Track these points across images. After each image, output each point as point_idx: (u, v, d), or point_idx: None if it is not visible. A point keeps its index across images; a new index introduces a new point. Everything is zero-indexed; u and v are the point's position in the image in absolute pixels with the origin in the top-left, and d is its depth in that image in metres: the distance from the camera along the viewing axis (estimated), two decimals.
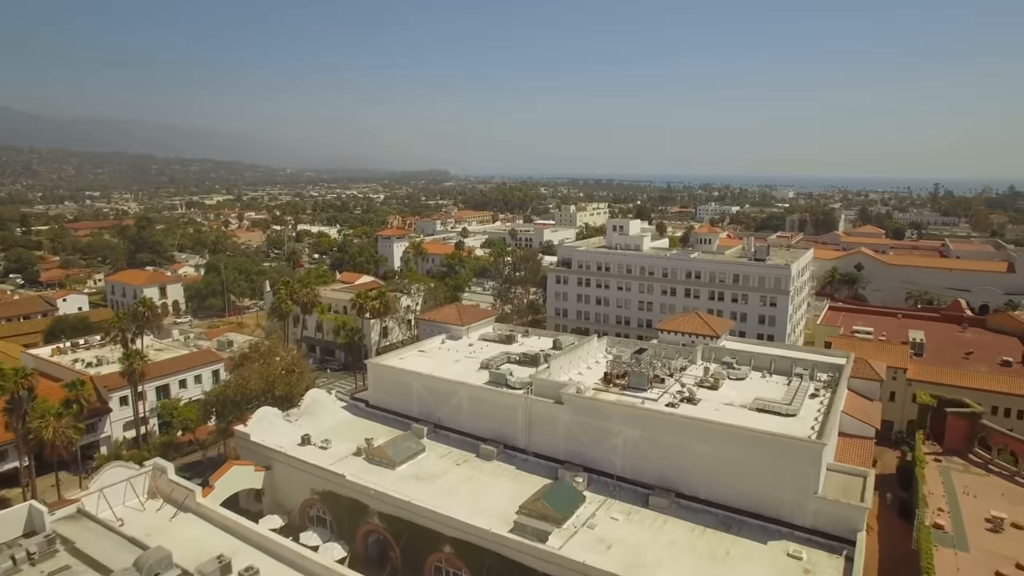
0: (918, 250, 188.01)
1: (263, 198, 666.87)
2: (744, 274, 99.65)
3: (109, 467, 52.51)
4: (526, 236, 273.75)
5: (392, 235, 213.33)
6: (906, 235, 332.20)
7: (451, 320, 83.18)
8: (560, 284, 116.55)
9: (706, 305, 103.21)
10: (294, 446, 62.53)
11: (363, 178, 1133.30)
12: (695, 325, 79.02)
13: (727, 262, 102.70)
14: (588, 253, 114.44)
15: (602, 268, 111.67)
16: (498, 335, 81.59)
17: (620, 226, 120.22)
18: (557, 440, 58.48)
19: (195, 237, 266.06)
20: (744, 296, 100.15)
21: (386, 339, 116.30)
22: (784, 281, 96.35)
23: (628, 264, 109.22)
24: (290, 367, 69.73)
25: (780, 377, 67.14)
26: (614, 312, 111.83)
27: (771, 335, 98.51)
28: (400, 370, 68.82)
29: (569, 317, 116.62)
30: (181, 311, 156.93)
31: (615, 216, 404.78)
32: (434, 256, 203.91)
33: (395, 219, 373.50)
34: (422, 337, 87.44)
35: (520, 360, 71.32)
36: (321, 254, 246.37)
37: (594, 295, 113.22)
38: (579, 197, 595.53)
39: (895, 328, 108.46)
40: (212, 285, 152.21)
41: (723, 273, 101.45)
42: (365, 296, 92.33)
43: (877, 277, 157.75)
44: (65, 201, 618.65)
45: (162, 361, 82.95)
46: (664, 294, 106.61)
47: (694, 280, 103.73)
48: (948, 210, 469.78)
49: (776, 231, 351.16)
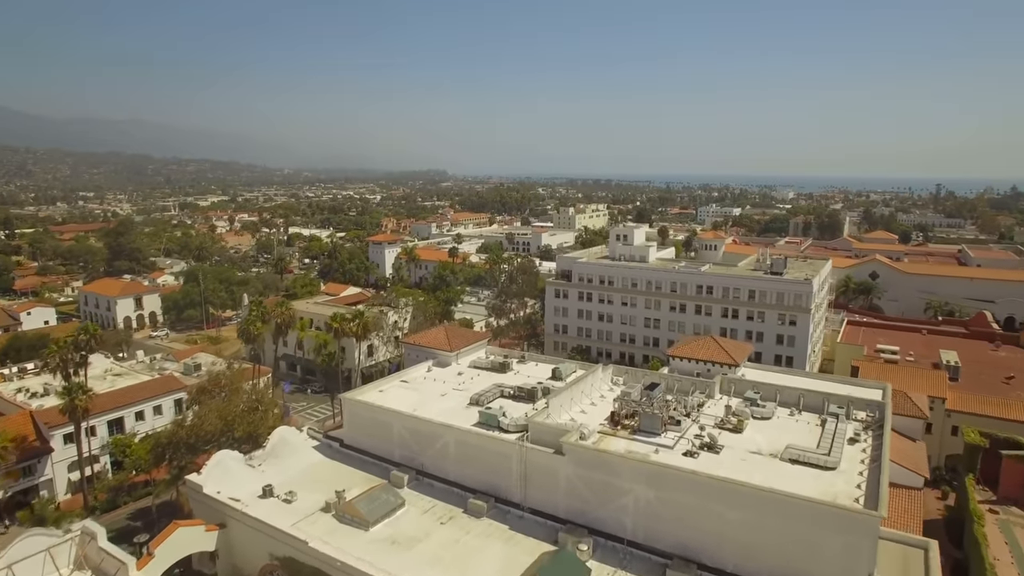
0: (933, 256, 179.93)
1: (258, 199, 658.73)
2: (761, 290, 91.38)
3: (24, 537, 44.10)
4: (523, 240, 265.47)
5: (384, 241, 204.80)
6: (912, 238, 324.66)
7: (438, 345, 74.84)
8: (559, 299, 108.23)
9: (718, 324, 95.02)
10: (254, 499, 54.13)
11: (360, 178, 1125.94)
12: (711, 351, 70.75)
13: (742, 277, 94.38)
14: (589, 265, 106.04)
15: (605, 282, 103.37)
16: (491, 362, 73.26)
17: (624, 235, 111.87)
18: (557, 496, 50.25)
19: (182, 241, 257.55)
20: (760, 314, 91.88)
21: (371, 359, 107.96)
22: (805, 298, 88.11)
23: (633, 278, 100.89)
24: (253, 404, 61.22)
25: (810, 415, 59.02)
26: (618, 329, 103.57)
27: (790, 357, 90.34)
28: (378, 408, 60.47)
29: (569, 334, 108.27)
30: (159, 323, 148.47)
31: (615, 219, 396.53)
32: (427, 263, 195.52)
33: (389, 222, 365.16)
34: (407, 362, 79.10)
35: (515, 394, 63.04)
36: (312, 259, 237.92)
37: (596, 311, 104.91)
38: (577, 198, 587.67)
39: (921, 346, 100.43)
40: (191, 295, 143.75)
41: (737, 289, 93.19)
42: (342, 317, 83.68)
43: (893, 286, 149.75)
44: (57, 202, 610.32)
45: (117, 391, 74.47)
46: (672, 310, 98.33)
47: (705, 296, 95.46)
48: (953, 212, 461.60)
49: (780, 234, 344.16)
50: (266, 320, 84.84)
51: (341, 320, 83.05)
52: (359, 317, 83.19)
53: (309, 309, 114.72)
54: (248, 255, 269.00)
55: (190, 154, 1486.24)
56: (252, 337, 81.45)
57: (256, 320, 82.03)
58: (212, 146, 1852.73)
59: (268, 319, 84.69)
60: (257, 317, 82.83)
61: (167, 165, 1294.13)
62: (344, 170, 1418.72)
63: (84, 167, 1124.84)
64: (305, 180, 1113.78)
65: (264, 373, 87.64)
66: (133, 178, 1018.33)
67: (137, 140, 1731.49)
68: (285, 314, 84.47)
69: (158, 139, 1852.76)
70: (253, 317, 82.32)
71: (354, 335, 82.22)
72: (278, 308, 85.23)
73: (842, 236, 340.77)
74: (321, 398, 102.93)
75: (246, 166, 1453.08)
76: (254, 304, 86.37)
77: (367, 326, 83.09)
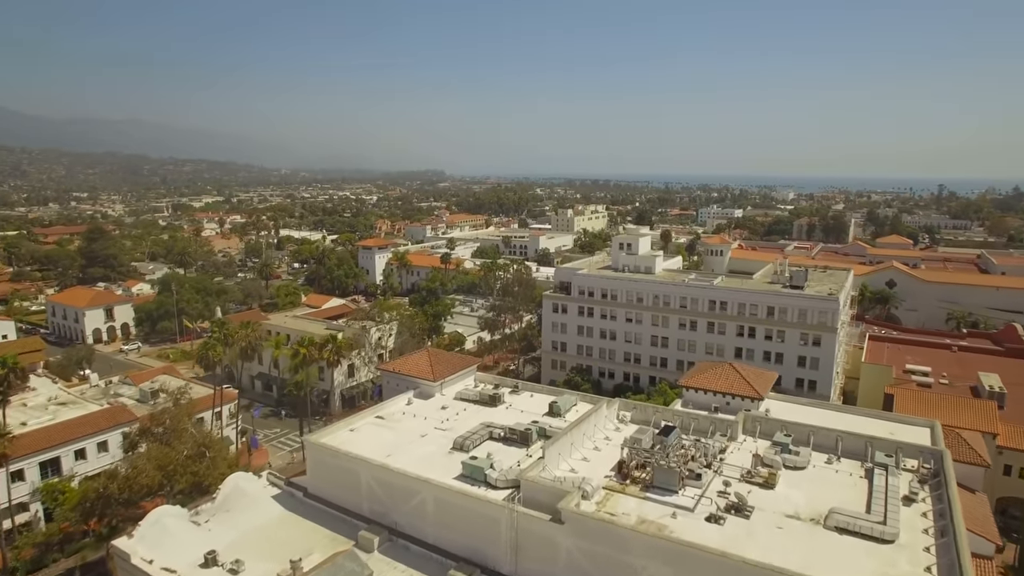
0: (951, 262, 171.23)
1: (253, 200, 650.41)
2: (781, 306, 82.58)
3: None
4: (520, 243, 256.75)
5: (374, 246, 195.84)
6: (918, 241, 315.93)
7: (420, 373, 66.07)
8: (557, 313, 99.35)
9: (733, 343, 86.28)
10: (194, 569, 45.34)
11: (358, 178, 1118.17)
12: (730, 381, 62.05)
13: (759, 291, 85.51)
14: (591, 278, 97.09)
15: (607, 296, 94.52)
16: (479, 393, 64.42)
17: (628, 243, 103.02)
18: (556, 569, 41.62)
19: (168, 244, 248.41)
20: (780, 333, 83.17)
21: (352, 379, 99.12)
22: (831, 316, 79.37)
23: (638, 292, 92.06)
24: (199, 449, 52.34)
25: (851, 463, 50.32)
26: (621, 348, 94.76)
27: (813, 381, 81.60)
28: (345, 455, 51.57)
29: (568, 352, 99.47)
30: (131, 335, 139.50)
31: (614, 221, 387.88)
32: (419, 268, 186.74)
33: (383, 224, 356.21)
34: (385, 391, 70.29)
35: (506, 437, 54.24)
36: (302, 263, 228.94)
37: (598, 327, 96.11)
38: (576, 199, 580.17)
39: (953, 365, 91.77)
40: (165, 306, 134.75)
41: (755, 305, 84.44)
42: (310, 342, 74.41)
43: (912, 295, 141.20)
44: (49, 203, 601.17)
45: (53, 426, 65.43)
46: (682, 328, 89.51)
47: (719, 312, 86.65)
48: (958, 213, 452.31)
49: (784, 236, 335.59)
50: (230, 343, 75.68)
51: (310, 345, 73.85)
52: (331, 342, 73.90)
53: (286, 324, 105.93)
54: (236, 259, 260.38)
55: (189, 154, 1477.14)
56: (211, 363, 72.44)
57: (216, 344, 72.84)
58: (211, 146, 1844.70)
59: (232, 342, 75.58)
60: (218, 340, 73.62)
61: (163, 165, 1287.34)
62: (341, 170, 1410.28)
63: (80, 167, 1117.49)
64: (302, 180, 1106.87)
65: (229, 399, 78.83)
66: (129, 178, 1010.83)
67: (136, 140, 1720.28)
68: (250, 336, 75.25)
69: (157, 139, 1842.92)
70: (213, 340, 73.08)
71: (326, 361, 73.22)
72: (243, 330, 75.91)
73: (848, 238, 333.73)
74: (297, 423, 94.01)
75: (243, 166, 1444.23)
76: (216, 325, 76.97)
77: (340, 351, 73.90)
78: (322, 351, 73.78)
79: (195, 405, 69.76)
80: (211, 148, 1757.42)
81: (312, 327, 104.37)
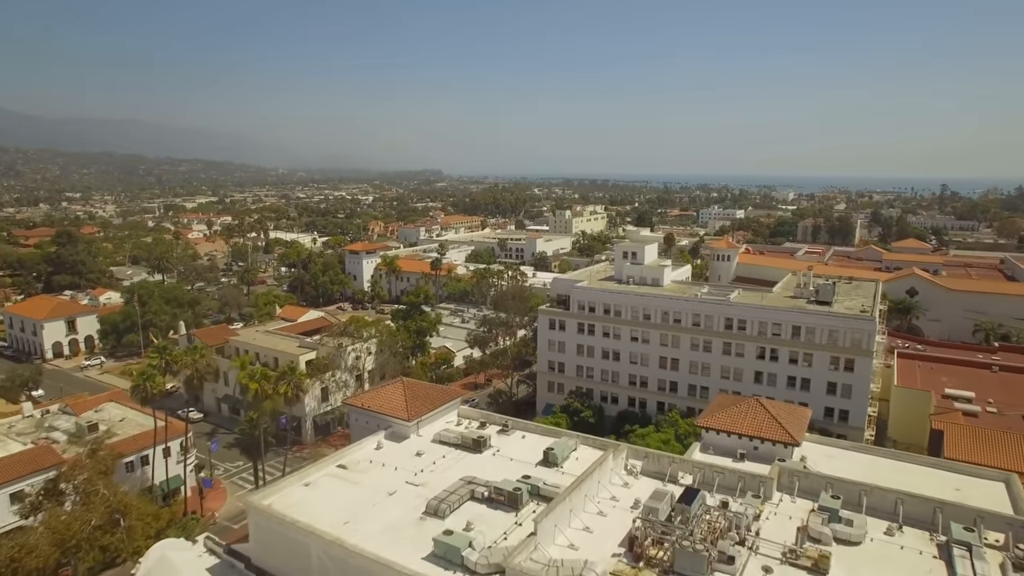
0: (973, 268, 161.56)
1: (247, 200, 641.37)
2: (808, 326, 72.71)
3: None
4: (517, 246, 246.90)
5: (361, 250, 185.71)
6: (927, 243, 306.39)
7: (393, 411, 56.31)
8: (555, 330, 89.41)
9: (752, 366, 76.47)
10: None
11: (355, 178, 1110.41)
12: (759, 422, 52.34)
13: (783, 309, 75.53)
14: (591, 291, 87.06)
15: (610, 312, 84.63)
16: (461, 435, 54.54)
17: (632, 252, 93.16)
18: None
19: (151, 248, 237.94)
20: (808, 356, 73.32)
21: (327, 404, 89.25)
22: (867, 338, 69.59)
23: (645, 307, 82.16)
24: (112, 516, 42.44)
25: (917, 534, 40.68)
26: (626, 369, 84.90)
27: (844, 411, 71.88)
28: (293, 525, 41.69)
29: (566, 373, 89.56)
30: (96, 348, 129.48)
31: (613, 222, 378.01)
32: (409, 274, 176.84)
33: (376, 225, 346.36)
34: (353, 431, 60.48)
35: (491, 498, 44.44)
36: (289, 267, 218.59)
37: (599, 346, 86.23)
38: (574, 199, 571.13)
39: (996, 387, 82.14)
40: (133, 317, 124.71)
41: (778, 324, 74.53)
42: (263, 376, 63.89)
43: (935, 305, 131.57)
44: (40, 203, 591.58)
45: None
46: (694, 349, 79.64)
47: (736, 332, 76.79)
48: (964, 214, 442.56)
49: (788, 238, 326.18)
50: (174, 371, 65.41)
51: (262, 379, 63.44)
52: (288, 375, 63.19)
53: (255, 341, 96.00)
54: (221, 263, 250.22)
55: (187, 154, 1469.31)
56: (149, 397, 62.00)
57: (154, 375, 62.15)
58: (209, 146, 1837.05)
59: (177, 370, 65.38)
60: (156, 370, 63.01)
61: (159, 165, 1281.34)
62: (339, 170, 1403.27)
63: (75, 167, 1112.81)
64: (299, 180, 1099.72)
65: (176, 432, 68.92)
66: (124, 178, 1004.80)
67: (134, 140, 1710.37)
68: (197, 364, 64.70)
69: (155, 139, 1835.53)
70: (151, 370, 62.27)
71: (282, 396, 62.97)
72: (188, 356, 65.36)
73: (854, 240, 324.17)
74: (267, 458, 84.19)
75: (239, 166, 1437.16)
76: (153, 354, 65.65)
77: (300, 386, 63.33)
78: (278, 386, 63.48)
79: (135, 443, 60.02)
80: (209, 148, 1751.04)
81: (283, 344, 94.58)
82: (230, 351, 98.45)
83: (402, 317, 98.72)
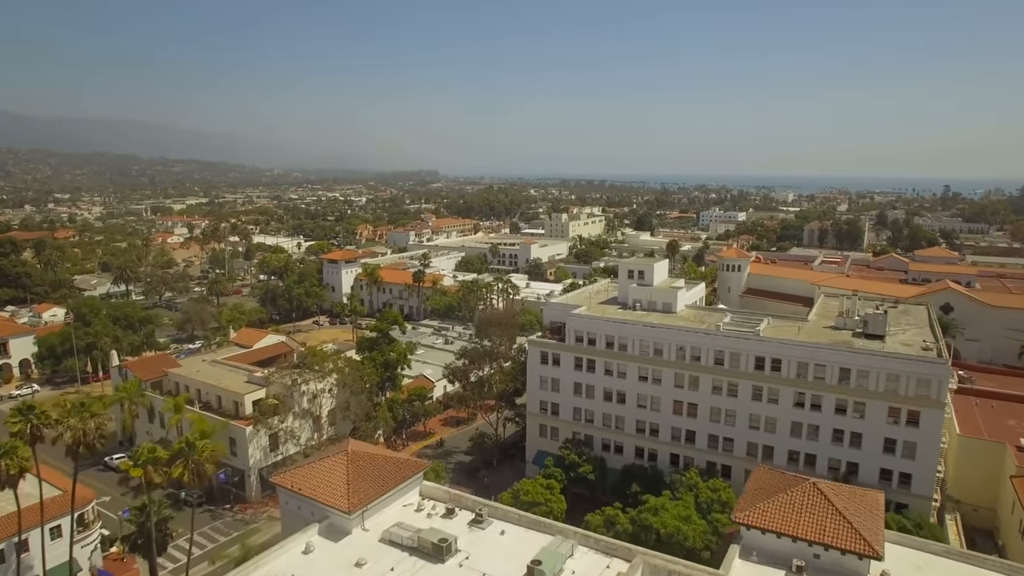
0: (1007, 279, 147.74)
1: (237, 201, 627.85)
2: (861, 368, 58.64)
3: None
4: (510, 252, 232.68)
5: (340, 259, 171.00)
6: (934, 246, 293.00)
7: (331, 496, 42.37)
8: (547, 365, 75.19)
9: (788, 416, 62.37)
10: None
11: (350, 179, 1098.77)
12: (819, 520, 38.44)
13: (828, 347, 61.17)
14: (592, 321, 72.41)
15: (614, 345, 70.43)
16: (419, 538, 40.35)
17: (639, 271, 78.81)
18: None
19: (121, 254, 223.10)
20: (859, 406, 59.18)
21: (276, 453, 75.10)
22: (938, 385, 55.46)
23: (657, 341, 67.91)
24: None
25: None
26: (633, 415, 70.68)
27: (906, 475, 57.77)
28: None
29: (561, 416, 75.26)
30: (31, 374, 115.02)
31: (611, 225, 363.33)
32: (391, 286, 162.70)
33: (365, 229, 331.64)
34: (284, 518, 46.53)
35: None
36: (269, 276, 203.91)
37: (601, 386, 72.00)
38: (571, 200, 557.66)
39: None
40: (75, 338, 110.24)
41: (821, 364, 60.41)
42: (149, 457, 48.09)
43: (973, 322, 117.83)
44: (26, 205, 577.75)
45: None
46: (717, 392, 65.47)
47: (769, 374, 62.67)
48: (972, 216, 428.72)
49: (795, 242, 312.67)
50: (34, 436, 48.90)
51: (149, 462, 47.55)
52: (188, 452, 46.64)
53: (197, 376, 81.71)
54: (199, 270, 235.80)
55: (184, 155, 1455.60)
56: (7, 480, 46.74)
57: (16, 448, 46.08)
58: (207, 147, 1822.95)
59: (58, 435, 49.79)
60: (20, 440, 46.97)
61: (152, 166, 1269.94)
62: (334, 171, 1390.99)
63: (67, 168, 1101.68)
64: (293, 181, 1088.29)
65: (86, 501, 54.80)
66: (116, 179, 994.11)
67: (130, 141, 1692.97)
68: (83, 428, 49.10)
69: (153, 140, 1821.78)
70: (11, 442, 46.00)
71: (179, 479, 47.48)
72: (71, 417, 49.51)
73: (863, 245, 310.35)
74: (203, 516, 70.11)
75: (235, 167, 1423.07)
76: (13, 418, 49.61)
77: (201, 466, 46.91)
78: (172, 468, 48.01)
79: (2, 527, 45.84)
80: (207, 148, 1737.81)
81: (229, 379, 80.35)
82: (169, 385, 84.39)
83: (367, 347, 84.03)
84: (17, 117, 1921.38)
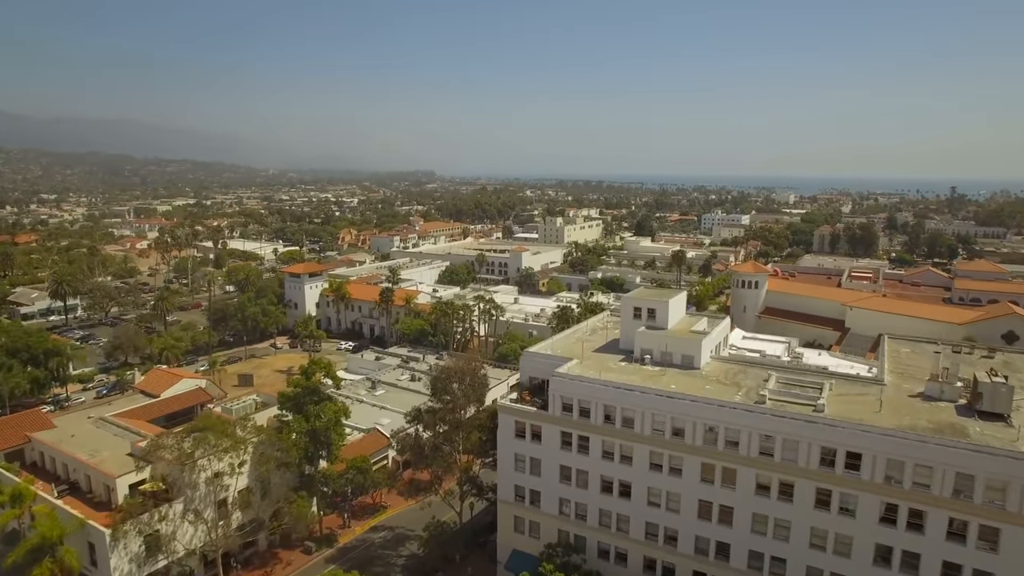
0: None
1: (226, 202, 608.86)
2: (990, 474, 39.02)
3: None
4: (499, 261, 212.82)
5: (303, 273, 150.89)
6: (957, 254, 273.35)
7: None
8: (524, 440, 55.25)
9: (871, 536, 42.72)
10: None
11: (345, 179, 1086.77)
12: None
13: (933, 442, 40.89)
14: (584, 385, 52.29)
15: (615, 418, 50.65)
16: None
17: (649, 309, 58.59)
18: None
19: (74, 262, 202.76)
20: (986, 530, 39.79)
21: (158, 559, 55.23)
22: None
23: (676, 417, 48.10)
24: None
25: None
26: (642, 514, 50.91)
27: None
28: None
29: (543, 508, 55.44)
30: None
31: (609, 229, 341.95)
32: (360, 303, 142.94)
33: (348, 234, 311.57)
34: None
35: None
36: (238, 286, 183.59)
37: (597, 473, 52.11)
38: (567, 201, 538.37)
39: None
40: None
41: (925, 466, 40.70)
42: None
43: None
44: (8, 206, 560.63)
45: None
46: (762, 493, 45.92)
47: (843, 474, 43.08)
48: (986, 219, 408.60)
49: (806, 249, 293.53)
50: None
51: None
52: None
53: (62, 447, 61.87)
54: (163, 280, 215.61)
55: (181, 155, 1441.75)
56: None
57: None
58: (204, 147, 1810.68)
59: None
60: None
61: (146, 165, 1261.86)
62: (330, 171, 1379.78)
63: (58, 167, 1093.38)
64: (287, 181, 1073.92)
65: None
66: (107, 179, 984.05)
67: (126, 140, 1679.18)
68: None
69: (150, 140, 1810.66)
70: None
71: None
72: None
73: (877, 251, 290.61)
74: None
75: (229, 167, 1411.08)
76: None
77: None
78: None
79: None
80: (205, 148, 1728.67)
81: (109, 450, 60.62)
82: (34, 456, 64.65)
83: (292, 408, 63.21)
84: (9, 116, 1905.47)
